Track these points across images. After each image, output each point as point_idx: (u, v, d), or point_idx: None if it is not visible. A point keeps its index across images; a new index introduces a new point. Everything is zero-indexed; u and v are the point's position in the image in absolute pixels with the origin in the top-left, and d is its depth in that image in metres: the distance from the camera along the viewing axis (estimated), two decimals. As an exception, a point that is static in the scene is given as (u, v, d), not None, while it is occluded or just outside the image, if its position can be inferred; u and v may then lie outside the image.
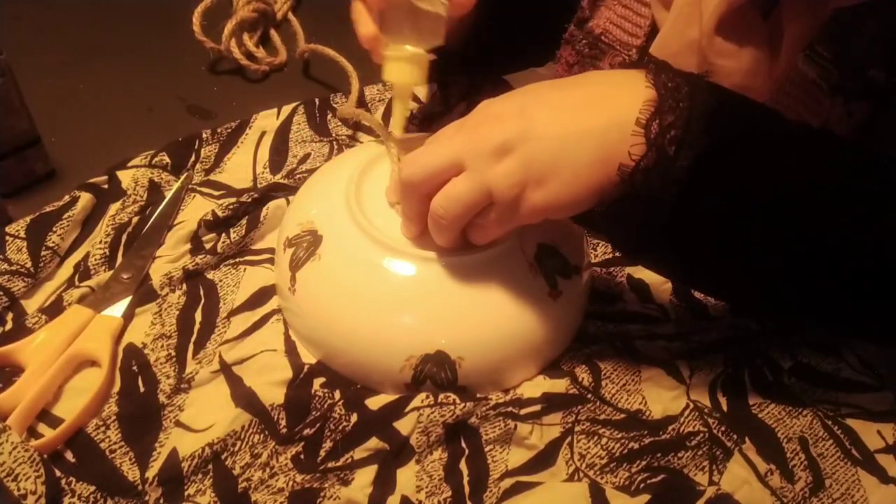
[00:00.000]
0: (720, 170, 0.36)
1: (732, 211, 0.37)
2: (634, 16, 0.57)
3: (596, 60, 0.60)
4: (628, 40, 0.57)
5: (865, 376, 0.48)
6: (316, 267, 0.44)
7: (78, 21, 0.79)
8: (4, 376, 0.44)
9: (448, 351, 0.42)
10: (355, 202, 0.45)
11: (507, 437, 0.42)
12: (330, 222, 0.45)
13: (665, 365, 0.46)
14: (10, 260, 0.49)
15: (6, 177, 0.57)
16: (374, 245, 0.43)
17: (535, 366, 0.45)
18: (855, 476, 0.43)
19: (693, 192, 0.36)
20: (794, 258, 0.38)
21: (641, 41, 0.57)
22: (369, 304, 0.42)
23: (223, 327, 0.47)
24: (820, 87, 0.47)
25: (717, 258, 0.39)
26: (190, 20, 0.71)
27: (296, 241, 0.46)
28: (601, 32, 0.58)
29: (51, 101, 0.66)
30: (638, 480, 0.41)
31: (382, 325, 0.42)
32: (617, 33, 0.57)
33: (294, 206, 0.51)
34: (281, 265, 0.47)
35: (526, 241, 0.44)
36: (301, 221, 0.46)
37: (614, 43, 0.58)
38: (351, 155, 0.54)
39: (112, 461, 0.41)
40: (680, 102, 0.36)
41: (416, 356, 0.42)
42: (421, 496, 0.40)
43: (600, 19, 0.58)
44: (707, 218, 0.37)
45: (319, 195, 0.49)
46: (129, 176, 0.57)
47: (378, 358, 0.43)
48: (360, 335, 0.43)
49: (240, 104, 0.69)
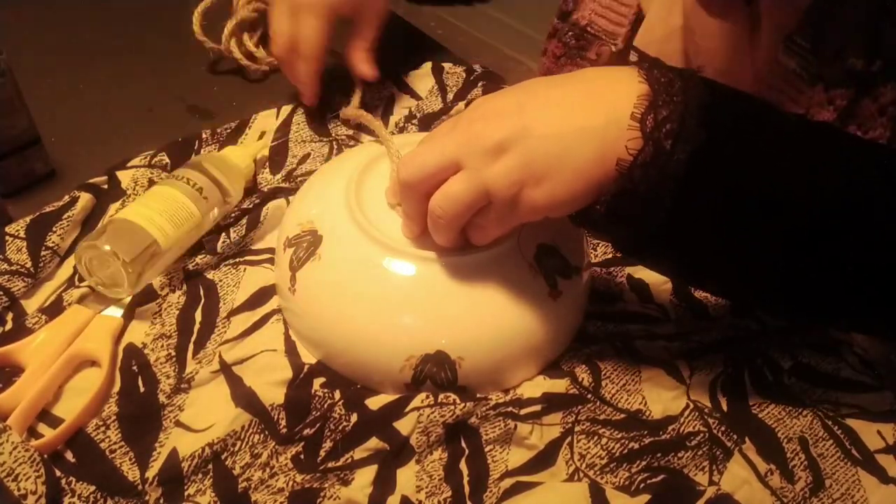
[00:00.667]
0: (717, 163, 0.36)
1: (731, 205, 0.37)
2: (618, 5, 0.58)
3: (582, 51, 0.60)
4: (613, 30, 0.57)
5: (865, 376, 0.48)
6: (316, 267, 0.44)
7: (78, 21, 0.79)
8: (4, 376, 0.44)
9: (448, 351, 0.42)
10: (355, 202, 0.45)
11: (507, 437, 0.42)
12: (330, 222, 0.45)
13: (665, 365, 0.46)
14: (10, 260, 0.49)
15: (6, 177, 0.57)
16: (374, 245, 0.43)
17: (536, 366, 0.45)
18: (855, 476, 0.43)
19: (691, 187, 0.36)
20: (795, 252, 0.38)
21: (627, 30, 0.57)
22: (369, 305, 0.42)
23: (223, 327, 0.47)
24: (800, 77, 0.47)
25: (717, 255, 0.39)
26: (190, 20, 0.71)
27: (296, 241, 0.46)
28: (587, 24, 0.59)
29: (51, 101, 0.65)
30: (638, 480, 0.41)
31: (382, 325, 0.42)
32: (602, 23, 0.58)
33: (294, 206, 0.50)
34: (281, 265, 0.47)
35: (526, 241, 0.44)
36: (301, 221, 0.46)
37: (600, 33, 0.58)
38: (351, 155, 0.54)
39: (112, 461, 0.41)
40: (674, 97, 0.36)
41: (417, 356, 0.42)
42: (421, 496, 0.40)
43: (584, 11, 0.59)
44: (706, 213, 0.37)
45: (319, 195, 0.49)
46: (128, 176, 0.57)
47: (378, 358, 0.43)
48: (361, 335, 0.43)
49: (240, 104, 0.69)
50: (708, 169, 0.36)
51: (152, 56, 0.75)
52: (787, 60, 0.48)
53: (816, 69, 0.46)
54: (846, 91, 0.46)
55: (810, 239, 0.38)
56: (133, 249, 0.46)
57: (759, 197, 0.37)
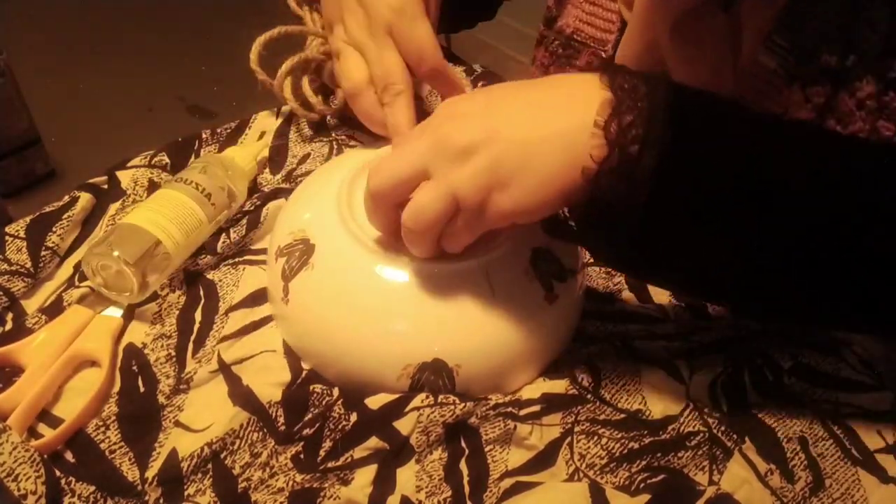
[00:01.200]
0: (686, 166, 0.36)
1: (703, 207, 0.36)
2: (603, 11, 0.57)
3: (571, 59, 0.59)
4: (602, 37, 0.56)
5: (865, 376, 0.48)
6: (309, 276, 0.43)
7: (78, 21, 0.79)
8: (4, 376, 0.44)
9: (445, 358, 0.42)
10: (347, 209, 0.45)
11: (506, 438, 0.42)
12: (322, 231, 0.45)
13: (665, 365, 0.46)
14: (10, 260, 0.49)
15: (6, 177, 0.57)
16: (367, 253, 0.43)
17: (534, 370, 0.45)
18: (855, 476, 0.43)
19: (661, 191, 0.35)
20: (770, 250, 0.38)
21: (615, 36, 0.56)
22: (364, 313, 0.42)
23: (221, 323, 0.47)
24: (779, 76, 0.47)
25: (693, 258, 0.39)
26: (189, 20, 0.71)
27: (287, 250, 0.45)
28: (572, 32, 0.58)
29: (51, 101, 0.66)
30: (638, 480, 0.41)
31: (378, 333, 0.42)
32: (589, 31, 0.57)
33: (284, 215, 0.50)
34: (273, 275, 0.46)
35: (520, 245, 0.44)
36: (293, 230, 0.46)
37: (587, 41, 0.57)
38: (341, 161, 0.53)
39: (112, 461, 0.41)
40: (638, 102, 0.35)
41: (413, 364, 0.42)
42: (421, 496, 0.40)
43: (569, 18, 0.58)
44: (678, 216, 0.37)
45: (310, 203, 0.48)
46: (128, 176, 0.57)
47: (374, 367, 0.42)
48: (356, 345, 0.42)
49: (240, 104, 0.69)
50: (677, 172, 0.36)
51: (152, 56, 0.75)
52: (768, 60, 0.47)
53: (793, 68, 0.46)
54: (822, 89, 0.45)
55: (785, 236, 0.37)
56: (138, 252, 0.46)
57: (731, 196, 0.36)
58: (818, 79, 0.45)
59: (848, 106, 0.45)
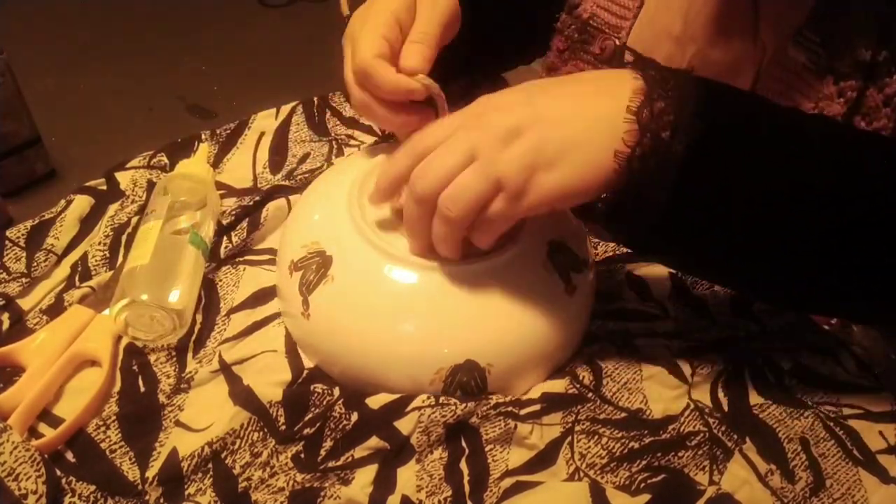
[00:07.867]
0: (715, 153, 0.37)
1: (730, 195, 0.37)
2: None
3: (586, 45, 0.60)
4: (617, 23, 0.57)
5: (863, 379, 0.48)
6: (330, 289, 0.43)
7: (78, 21, 0.80)
8: (5, 376, 0.44)
9: (477, 358, 0.41)
10: (360, 216, 0.44)
11: (507, 437, 0.42)
12: (337, 241, 0.44)
13: (667, 363, 0.46)
14: (10, 269, 0.50)
15: (6, 177, 0.57)
16: (388, 260, 0.42)
17: (559, 362, 0.45)
18: (856, 476, 0.43)
19: (690, 177, 0.36)
20: (797, 242, 0.38)
21: (631, 22, 0.57)
22: (392, 321, 0.42)
23: (223, 325, 0.47)
24: (811, 71, 0.48)
25: (718, 244, 0.40)
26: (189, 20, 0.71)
27: (303, 263, 0.44)
28: (589, 17, 0.59)
29: (51, 101, 0.66)
30: (638, 480, 0.41)
31: (408, 339, 0.42)
32: (605, 16, 0.58)
33: (294, 226, 0.48)
34: (289, 290, 0.44)
35: (537, 240, 0.44)
36: (305, 243, 0.44)
37: (602, 26, 0.58)
38: (345, 167, 0.51)
39: (112, 461, 0.41)
40: (669, 91, 0.37)
41: (446, 367, 0.41)
42: (421, 496, 0.40)
43: (587, 3, 0.59)
44: (706, 203, 0.38)
45: (321, 213, 0.47)
46: (127, 177, 0.57)
47: (407, 373, 0.42)
48: (386, 353, 0.42)
49: (240, 104, 0.69)
50: (706, 158, 0.37)
51: (152, 56, 0.75)
52: (797, 54, 0.48)
53: (826, 62, 0.47)
54: (855, 83, 0.46)
55: (810, 226, 0.38)
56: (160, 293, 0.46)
57: (758, 186, 0.37)
58: (852, 73, 0.46)
59: (875, 101, 0.46)
